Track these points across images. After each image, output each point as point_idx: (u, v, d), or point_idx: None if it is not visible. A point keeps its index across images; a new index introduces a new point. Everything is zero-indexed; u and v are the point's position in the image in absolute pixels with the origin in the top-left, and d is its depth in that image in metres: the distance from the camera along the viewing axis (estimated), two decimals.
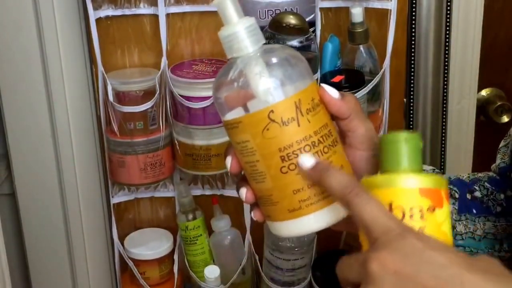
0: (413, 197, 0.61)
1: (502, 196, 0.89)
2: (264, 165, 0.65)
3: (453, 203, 0.88)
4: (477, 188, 0.89)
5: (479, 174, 0.92)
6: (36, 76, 1.29)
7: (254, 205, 0.70)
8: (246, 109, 0.65)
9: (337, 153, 0.67)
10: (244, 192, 0.69)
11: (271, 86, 0.64)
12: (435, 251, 0.56)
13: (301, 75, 0.66)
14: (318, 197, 0.66)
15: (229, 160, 0.68)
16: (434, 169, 0.94)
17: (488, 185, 0.89)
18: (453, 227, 0.86)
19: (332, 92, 0.67)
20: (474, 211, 0.88)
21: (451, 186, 0.89)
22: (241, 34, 0.65)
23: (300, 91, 0.65)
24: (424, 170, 0.81)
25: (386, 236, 0.57)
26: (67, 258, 1.41)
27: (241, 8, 0.66)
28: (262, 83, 0.64)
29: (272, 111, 0.64)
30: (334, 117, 0.69)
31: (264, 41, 0.66)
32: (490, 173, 0.92)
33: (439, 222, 0.61)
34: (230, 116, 0.66)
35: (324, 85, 0.68)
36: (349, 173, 0.67)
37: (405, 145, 0.62)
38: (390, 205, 0.61)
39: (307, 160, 0.65)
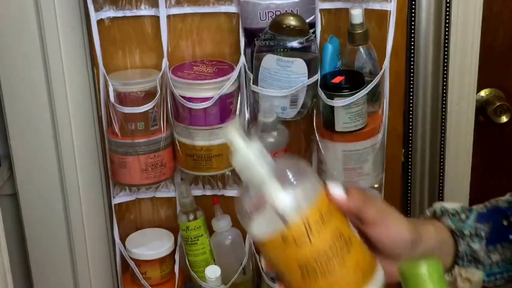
0: None
1: None
2: (287, 275, 0.72)
3: (480, 241, 0.85)
4: None
5: None
6: (37, 78, 1.29)
7: None
8: (266, 228, 0.70)
9: (351, 253, 0.71)
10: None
11: (283, 208, 0.69)
12: None
13: (310, 190, 0.71)
14: None
15: (263, 262, 0.76)
16: (462, 206, 0.91)
17: None
18: (489, 258, 0.85)
19: (338, 195, 0.72)
20: (511, 237, 0.87)
21: (479, 225, 0.86)
22: (251, 160, 0.70)
23: (309, 210, 0.70)
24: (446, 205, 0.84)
25: None
26: (69, 259, 1.42)
27: (245, 134, 0.71)
28: (274, 206, 0.69)
29: (285, 232, 0.69)
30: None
31: (272, 164, 0.70)
32: None
33: None
34: (255, 235, 0.72)
35: (331, 191, 0.72)
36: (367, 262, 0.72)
37: (429, 278, 0.65)
38: None
39: None
